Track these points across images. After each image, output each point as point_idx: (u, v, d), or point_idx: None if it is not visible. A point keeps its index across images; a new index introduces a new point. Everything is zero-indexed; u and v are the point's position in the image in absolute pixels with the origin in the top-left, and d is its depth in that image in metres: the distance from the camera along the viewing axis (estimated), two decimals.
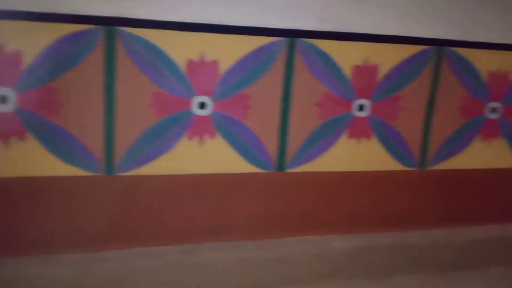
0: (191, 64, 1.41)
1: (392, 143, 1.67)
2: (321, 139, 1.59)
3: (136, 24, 1.34)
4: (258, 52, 1.45)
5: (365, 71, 1.57)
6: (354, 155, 1.64)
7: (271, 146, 1.55)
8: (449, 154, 1.74)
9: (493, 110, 1.75)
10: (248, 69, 1.46)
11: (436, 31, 1.60)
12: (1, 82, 1.28)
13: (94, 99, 1.36)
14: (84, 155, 1.39)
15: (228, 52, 1.43)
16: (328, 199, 1.64)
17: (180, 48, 1.39)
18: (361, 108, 1.60)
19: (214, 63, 1.43)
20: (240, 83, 1.46)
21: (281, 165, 1.57)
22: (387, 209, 1.71)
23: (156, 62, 1.38)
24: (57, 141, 1.36)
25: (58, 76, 1.32)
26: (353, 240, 1.64)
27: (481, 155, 1.78)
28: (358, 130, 1.62)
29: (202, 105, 1.45)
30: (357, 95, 1.59)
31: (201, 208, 1.52)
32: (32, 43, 1.28)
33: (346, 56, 1.54)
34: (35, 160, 1.35)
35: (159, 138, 1.44)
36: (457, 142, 1.74)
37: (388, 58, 1.59)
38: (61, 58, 1.31)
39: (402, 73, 1.62)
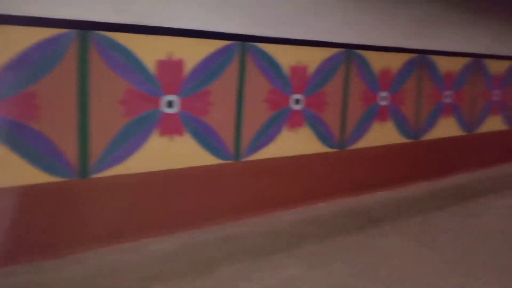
0: (158, 64, 1.50)
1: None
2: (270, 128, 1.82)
3: (109, 28, 1.38)
4: (217, 53, 1.62)
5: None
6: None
7: (229, 139, 1.71)
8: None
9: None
10: (210, 68, 1.61)
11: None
12: None
13: (69, 103, 1.34)
14: (58, 161, 1.35)
15: (192, 53, 1.56)
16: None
17: (149, 50, 1.47)
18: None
19: (180, 63, 1.54)
20: (203, 81, 1.60)
21: (237, 155, 1.75)
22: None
23: (127, 63, 1.43)
24: (30, 146, 1.30)
25: (34, 82, 1.27)
26: None
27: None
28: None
29: (170, 104, 1.54)
30: None
31: (174, 200, 1.60)
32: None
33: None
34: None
35: (131, 138, 1.48)
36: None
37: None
38: (35, 64, 1.27)
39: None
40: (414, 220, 2.01)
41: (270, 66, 1.77)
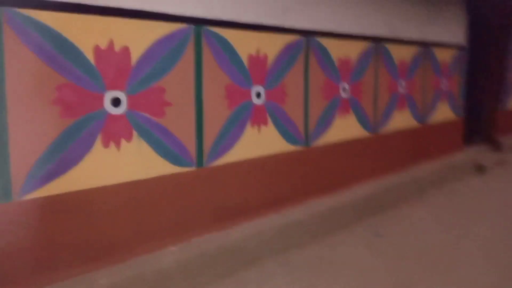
0: (98, 52, 1.19)
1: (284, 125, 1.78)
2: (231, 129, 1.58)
3: (29, 4, 1.05)
4: (168, 39, 1.34)
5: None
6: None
7: (190, 142, 1.44)
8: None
9: (344, 90, 2.09)
10: (160, 58, 1.33)
11: (304, 22, 1.80)
12: None
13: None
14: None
15: (138, 38, 1.27)
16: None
17: (84, 34, 1.16)
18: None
19: (125, 51, 1.24)
20: (153, 74, 1.32)
21: (200, 161, 1.48)
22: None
23: (57, 50, 1.11)
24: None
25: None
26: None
27: (340, 129, 2.07)
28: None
29: (115, 102, 1.24)
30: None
31: (124, 221, 1.29)
32: None
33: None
34: None
35: (67, 149, 1.16)
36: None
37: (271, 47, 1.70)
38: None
39: (284, 62, 1.76)
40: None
41: (229, 55, 1.53)
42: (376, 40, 2.19)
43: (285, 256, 1.67)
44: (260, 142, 1.69)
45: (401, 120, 2.45)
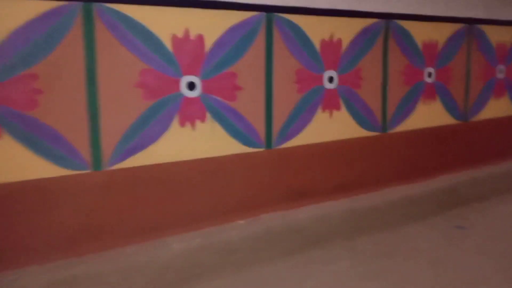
0: (176, 40, 1.33)
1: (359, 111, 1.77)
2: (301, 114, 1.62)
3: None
4: (240, 27, 1.43)
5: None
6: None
7: (259, 125, 1.53)
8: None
9: (429, 75, 1.98)
10: (232, 45, 1.42)
11: (384, 5, 1.76)
12: None
13: (76, 86, 1.19)
14: (67, 152, 1.20)
15: (212, 27, 1.38)
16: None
17: (163, 24, 1.30)
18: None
19: (199, 39, 1.36)
20: (226, 60, 1.42)
21: (269, 143, 1.56)
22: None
23: (139, 39, 1.27)
24: (37, 138, 1.16)
25: (36, 62, 1.12)
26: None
27: (424, 116, 1.99)
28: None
29: (190, 86, 1.37)
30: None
31: (198, 194, 1.42)
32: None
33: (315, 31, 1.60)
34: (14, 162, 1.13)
35: (148, 126, 1.32)
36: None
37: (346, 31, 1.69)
38: (35, 41, 1.12)
39: (360, 47, 1.74)
40: None
41: (300, 41, 1.57)
42: (469, 21, 2.04)
43: (353, 240, 1.68)
44: (331, 126, 1.71)
45: (498, 108, 2.25)
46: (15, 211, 1.15)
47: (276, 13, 1.50)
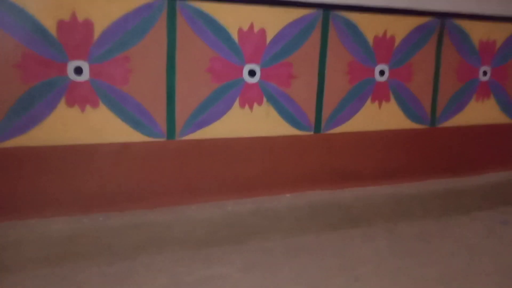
0: (241, 33, 1.54)
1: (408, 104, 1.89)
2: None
3: None
4: (298, 22, 1.62)
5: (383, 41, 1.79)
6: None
7: (310, 110, 1.71)
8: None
9: (484, 73, 2.03)
10: (290, 38, 1.62)
11: (440, 4, 1.84)
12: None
13: (159, 69, 1.46)
14: (149, 122, 1.48)
15: (273, 22, 1.58)
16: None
17: (232, 18, 1.52)
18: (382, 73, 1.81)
19: (262, 32, 1.57)
20: (284, 51, 1.62)
21: (318, 128, 1.73)
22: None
23: (211, 31, 1.50)
24: (126, 109, 1.45)
25: (129, 47, 1.41)
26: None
27: (476, 113, 2.04)
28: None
29: (251, 73, 1.59)
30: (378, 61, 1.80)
31: (252, 167, 1.65)
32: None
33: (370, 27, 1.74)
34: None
35: (214, 105, 1.56)
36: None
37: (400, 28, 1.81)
38: (130, 30, 1.40)
39: (413, 43, 1.84)
40: None
41: (353, 36, 1.72)
42: None
43: (393, 224, 1.81)
44: (379, 117, 1.84)
45: None
46: (106, 167, 1.45)
47: (332, 10, 1.67)
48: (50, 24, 1.32)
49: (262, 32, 1.57)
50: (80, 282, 1.31)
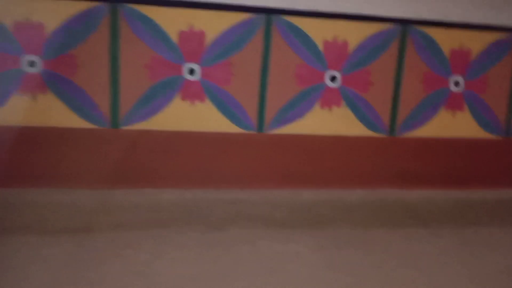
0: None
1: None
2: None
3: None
4: (377, 36, 1.81)
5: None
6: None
7: (385, 115, 1.89)
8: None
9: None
10: (369, 49, 1.82)
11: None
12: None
13: (253, 75, 1.74)
14: (243, 116, 1.77)
15: (356, 34, 1.79)
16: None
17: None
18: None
19: (344, 44, 1.79)
20: (363, 61, 1.82)
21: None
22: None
23: (300, 42, 1.75)
24: (226, 103, 1.74)
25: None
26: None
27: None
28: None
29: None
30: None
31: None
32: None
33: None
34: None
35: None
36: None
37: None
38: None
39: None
40: None
41: (431, 50, 1.87)
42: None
43: (460, 228, 1.89)
44: (452, 125, 1.96)
45: None
46: (209, 152, 1.76)
47: (411, 25, 1.83)
48: (173, 35, 1.66)
49: (345, 43, 1.79)
50: (182, 244, 1.61)
